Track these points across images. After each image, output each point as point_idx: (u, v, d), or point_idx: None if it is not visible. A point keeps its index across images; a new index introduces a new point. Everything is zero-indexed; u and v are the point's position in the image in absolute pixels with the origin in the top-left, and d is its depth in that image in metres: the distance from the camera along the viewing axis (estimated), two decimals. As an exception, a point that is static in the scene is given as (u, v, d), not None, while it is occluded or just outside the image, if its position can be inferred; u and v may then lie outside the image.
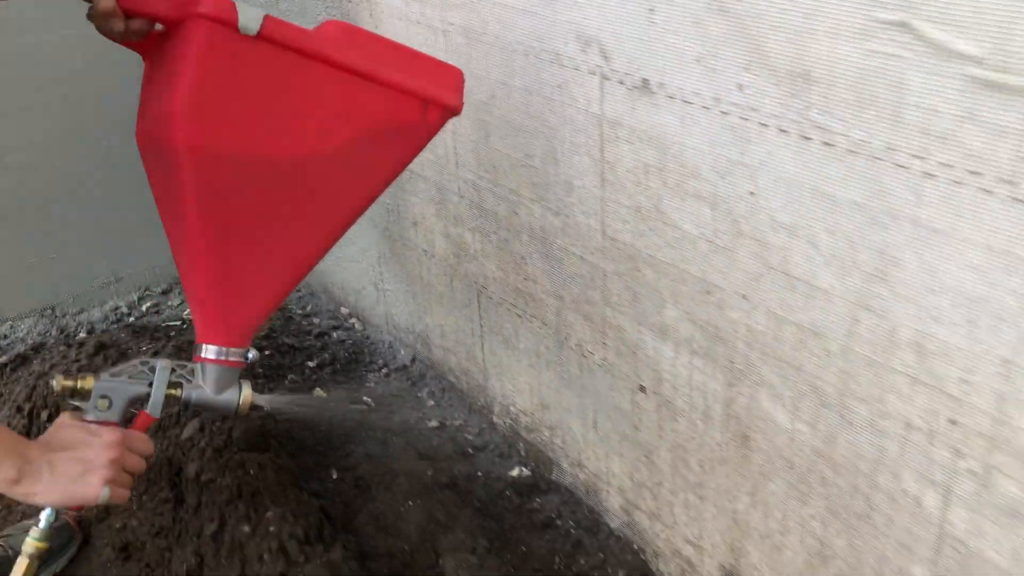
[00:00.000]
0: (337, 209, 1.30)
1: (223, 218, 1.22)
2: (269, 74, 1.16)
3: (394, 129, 1.25)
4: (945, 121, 0.88)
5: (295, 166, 1.22)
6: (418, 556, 1.51)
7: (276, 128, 1.19)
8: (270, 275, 1.30)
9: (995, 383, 0.93)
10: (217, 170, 1.18)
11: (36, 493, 1.13)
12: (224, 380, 1.32)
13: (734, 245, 1.17)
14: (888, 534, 1.13)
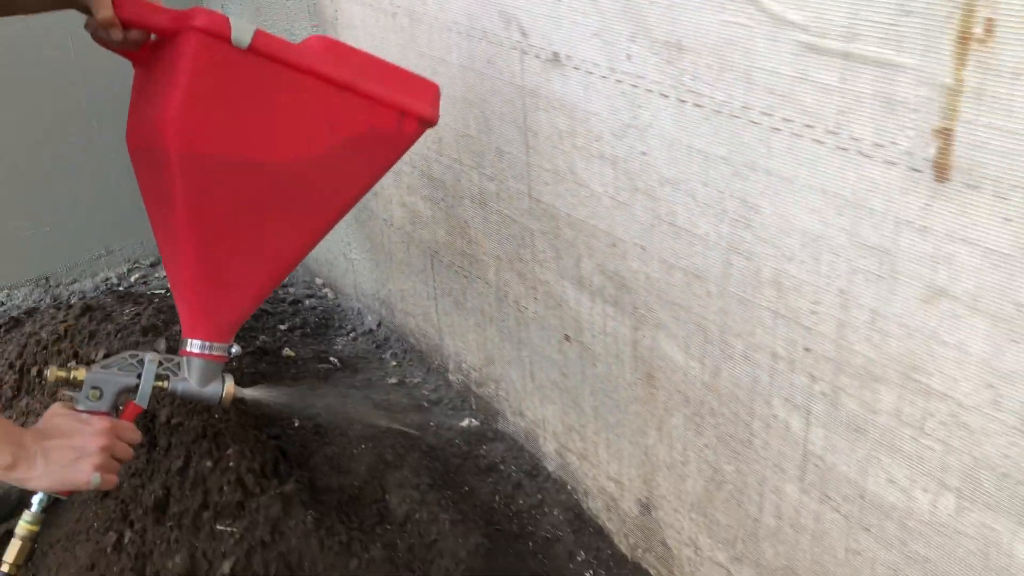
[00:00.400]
0: (318, 212, 1.38)
1: (211, 219, 1.29)
2: (258, 84, 1.24)
3: (373, 138, 1.33)
4: (784, 81, 1.02)
5: (280, 171, 1.30)
6: (366, 491, 1.66)
7: (263, 135, 1.27)
8: (254, 274, 1.37)
9: (836, 312, 1.07)
10: (207, 174, 1.26)
11: (30, 479, 1.21)
12: (208, 373, 1.39)
13: (631, 200, 1.31)
14: (766, 457, 1.26)
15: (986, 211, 0.88)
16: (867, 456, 1.11)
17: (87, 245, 2.57)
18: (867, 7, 0.90)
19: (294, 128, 1.28)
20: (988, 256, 0.89)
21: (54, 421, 1.24)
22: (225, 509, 1.55)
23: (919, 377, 1.01)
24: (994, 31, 0.81)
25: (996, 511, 0.98)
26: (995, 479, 0.97)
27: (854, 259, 1.02)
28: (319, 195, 1.35)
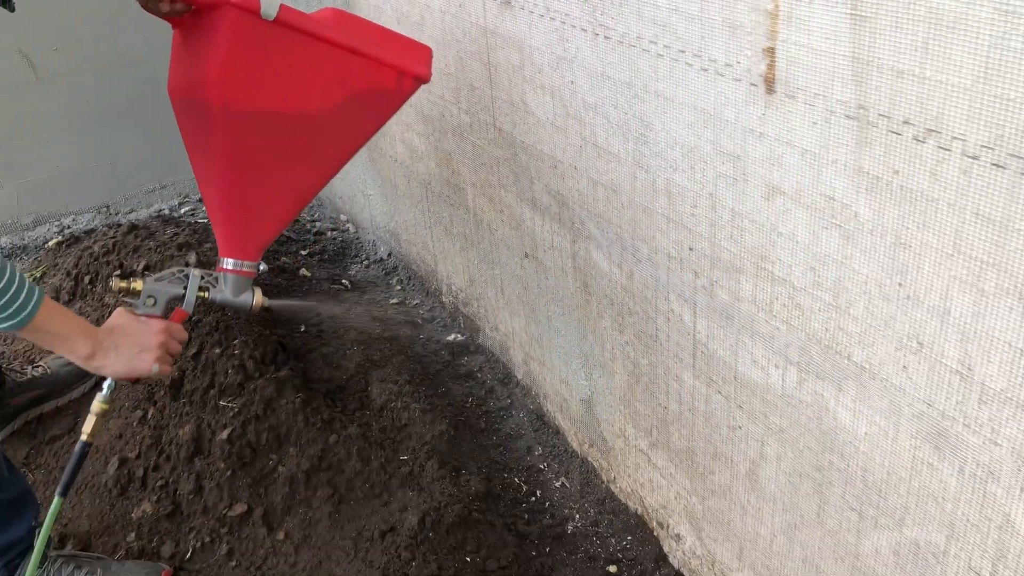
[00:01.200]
0: (330, 154, 1.61)
1: (242, 159, 1.52)
2: (282, 50, 1.46)
3: (376, 93, 1.55)
4: (663, 13, 1.21)
5: (300, 120, 1.53)
6: (351, 383, 1.91)
7: (286, 91, 1.49)
8: (277, 204, 1.61)
9: (708, 214, 1.26)
10: (240, 123, 1.48)
11: (104, 366, 1.42)
12: (240, 286, 1.63)
13: (566, 125, 1.51)
14: (668, 349, 1.46)
15: (800, 117, 1.06)
16: (736, 340, 1.30)
17: (143, 179, 2.89)
18: (714, -53, 1.09)
19: (311, 85, 1.50)
20: (804, 156, 1.07)
21: (119, 321, 1.46)
22: (228, 388, 1.82)
23: (766, 266, 1.19)
24: (796, -36, 0.99)
25: (824, 379, 1.16)
26: (821, 351, 1.15)
27: (718, 165, 1.21)
28: (331, 140, 1.58)
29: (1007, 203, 0.87)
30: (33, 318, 1.27)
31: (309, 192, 1.66)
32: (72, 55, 2.63)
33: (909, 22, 0.89)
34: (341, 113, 1.54)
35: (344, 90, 1.52)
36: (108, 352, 1.41)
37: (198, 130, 1.54)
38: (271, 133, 1.51)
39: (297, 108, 1.51)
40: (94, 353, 1.39)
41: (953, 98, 0.88)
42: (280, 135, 1.52)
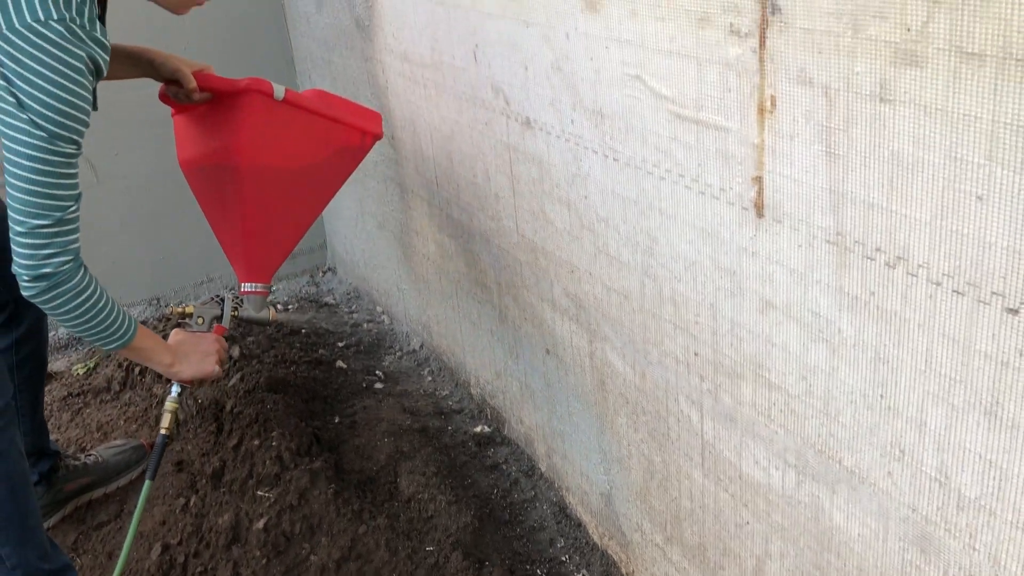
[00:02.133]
0: (319, 196, 2.05)
1: (261, 205, 1.92)
2: (286, 121, 1.88)
3: (348, 148, 2.01)
4: (664, 141, 1.33)
5: (299, 171, 1.95)
6: (382, 474, 2.00)
7: (290, 150, 1.92)
8: (284, 237, 2.02)
9: (710, 322, 1.35)
10: (260, 177, 1.89)
11: (182, 371, 1.78)
12: (259, 303, 2.00)
13: (581, 235, 1.62)
14: (679, 448, 1.53)
15: (786, 239, 1.15)
16: (740, 442, 1.37)
17: (192, 272, 3.06)
18: (706, 85, 1.20)
19: (304, 144, 1.92)
20: (792, 274, 1.16)
21: (182, 338, 1.83)
22: (265, 479, 1.92)
23: (763, 373, 1.27)
24: (776, 105, 1.10)
25: (819, 482, 1.23)
26: (815, 455, 1.22)
27: (716, 279, 1.31)
28: (319, 185, 2.02)
29: (967, 326, 0.95)
30: (133, 339, 1.63)
31: (306, 225, 2.07)
32: (130, 159, 2.83)
33: (876, 161, 1.00)
34: (326, 164, 1.98)
35: (328, 147, 1.96)
36: (183, 360, 1.79)
37: (221, 188, 1.92)
38: (280, 184, 1.92)
39: (297, 163, 1.93)
40: (173, 362, 1.77)
41: (917, 230, 0.97)
42: (286, 184, 1.93)
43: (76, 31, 1.37)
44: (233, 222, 1.94)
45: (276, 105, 1.83)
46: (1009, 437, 0.94)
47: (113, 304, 1.60)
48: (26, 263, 1.47)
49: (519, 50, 1.63)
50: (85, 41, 1.39)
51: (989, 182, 0.88)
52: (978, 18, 0.84)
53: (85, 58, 1.39)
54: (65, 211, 1.48)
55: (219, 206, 1.97)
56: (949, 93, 0.89)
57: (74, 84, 1.39)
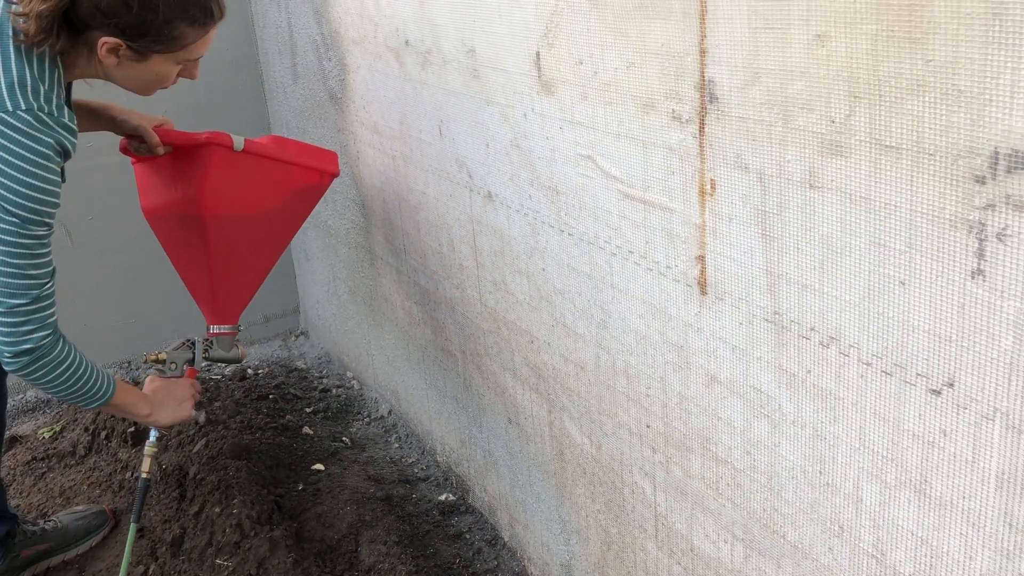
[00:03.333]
0: (281, 236, 2.11)
1: (225, 251, 1.98)
2: (247, 168, 1.95)
3: (307, 189, 2.10)
4: (614, 219, 1.37)
5: (260, 216, 2.01)
6: (343, 543, 1.99)
7: (251, 196, 1.98)
8: (249, 278, 2.08)
9: (660, 395, 1.38)
10: (223, 223, 1.95)
11: (160, 419, 1.85)
12: (228, 343, 2.06)
13: (539, 306, 1.65)
14: (633, 519, 1.54)
15: (728, 317, 1.19)
16: (691, 514, 1.38)
17: (162, 335, 3.06)
18: (652, 167, 1.25)
19: (265, 190, 2.00)
20: (734, 351, 1.19)
21: (157, 385, 1.89)
22: (225, 547, 1.91)
23: (710, 447, 1.29)
24: (716, 188, 1.15)
25: (764, 556, 1.24)
26: (760, 529, 1.24)
27: (665, 353, 1.34)
28: (281, 226, 2.09)
29: (896, 406, 0.98)
30: (114, 396, 1.70)
31: (270, 265, 2.14)
32: (104, 223, 2.86)
33: (807, 244, 1.03)
34: (287, 206, 2.07)
35: (287, 190, 2.05)
36: (159, 408, 1.85)
37: (185, 236, 1.98)
38: (243, 229, 1.99)
39: (259, 207, 2.00)
40: (151, 412, 1.83)
41: (847, 311, 1.01)
42: (249, 229, 2.00)
43: (43, 119, 1.43)
44: (199, 268, 2.01)
45: (236, 156, 1.90)
46: (937, 515, 0.97)
47: (91, 367, 1.65)
48: (7, 340, 1.51)
49: (481, 127, 1.68)
50: (53, 128, 1.44)
51: (910, 268, 0.92)
52: (894, 114, 0.89)
53: (53, 144, 1.44)
54: (41, 288, 1.52)
55: (184, 252, 2.03)
56: (871, 182, 0.93)
57: (43, 170, 1.44)
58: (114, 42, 1.47)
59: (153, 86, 1.63)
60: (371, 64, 2.13)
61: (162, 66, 1.57)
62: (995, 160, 0.80)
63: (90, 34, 1.47)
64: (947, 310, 0.89)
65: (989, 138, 0.80)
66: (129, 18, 1.45)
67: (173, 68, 1.60)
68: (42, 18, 1.40)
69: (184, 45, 1.55)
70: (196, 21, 1.54)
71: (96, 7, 1.44)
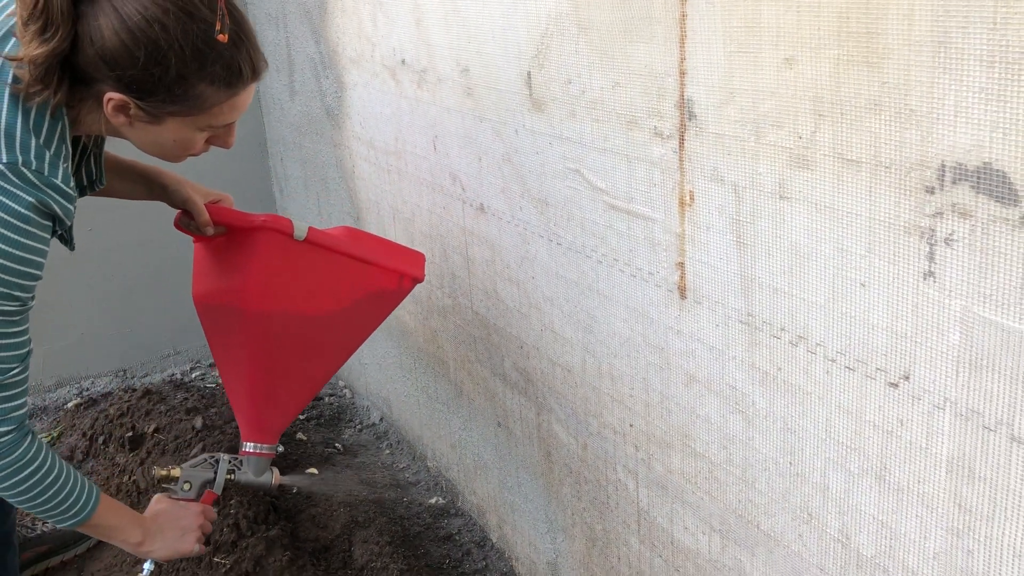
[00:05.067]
0: (342, 347, 1.82)
1: (268, 357, 1.70)
2: (306, 262, 1.66)
3: (381, 293, 1.78)
4: (600, 229, 1.45)
5: (318, 320, 1.72)
6: (336, 543, 2.05)
7: (308, 296, 1.69)
8: (295, 393, 1.79)
9: (643, 395, 1.46)
10: (270, 325, 1.67)
11: (153, 551, 1.57)
12: (261, 466, 1.78)
13: (529, 312, 1.74)
14: (617, 516, 1.62)
15: (706, 319, 1.27)
16: (671, 509, 1.46)
17: (159, 345, 3.12)
18: (635, 180, 1.34)
19: (328, 289, 1.72)
20: (711, 351, 1.28)
21: (161, 507, 1.62)
22: (222, 546, 1.97)
23: (689, 443, 1.38)
24: (695, 199, 1.23)
25: (740, 545, 1.32)
26: (736, 519, 1.32)
27: (647, 355, 1.42)
28: (342, 335, 1.79)
29: (859, 399, 1.06)
30: (93, 516, 1.44)
31: (322, 380, 1.85)
32: (104, 235, 2.93)
33: (778, 251, 1.12)
34: (352, 312, 1.76)
35: (355, 293, 1.74)
36: (155, 537, 1.57)
37: (227, 332, 1.71)
38: (294, 333, 1.70)
39: (317, 311, 1.71)
40: (143, 540, 1.55)
41: (814, 312, 1.09)
42: (301, 334, 1.71)
43: (25, 174, 1.21)
44: (239, 371, 1.74)
45: (295, 245, 1.63)
46: (896, 500, 1.05)
47: (68, 475, 1.40)
48: None
49: (474, 142, 1.77)
50: (37, 186, 1.22)
51: (870, 271, 1.01)
52: (854, 130, 0.98)
53: (34, 203, 1.22)
54: (5, 375, 1.28)
55: (226, 351, 1.76)
56: (835, 193, 1.02)
57: (15, 233, 1.22)
58: (120, 99, 1.25)
59: (175, 152, 1.39)
60: (368, 82, 2.21)
61: (181, 131, 1.33)
62: (942, 172, 0.89)
63: (96, 87, 1.26)
64: (902, 309, 0.98)
65: (937, 152, 0.89)
66: (135, 72, 1.23)
67: (196, 134, 1.36)
68: (37, 65, 1.19)
69: (206, 109, 1.31)
70: (218, 80, 1.29)
71: (99, 56, 1.21)
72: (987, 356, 0.90)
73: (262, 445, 1.76)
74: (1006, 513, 0.93)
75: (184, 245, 1.77)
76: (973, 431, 0.94)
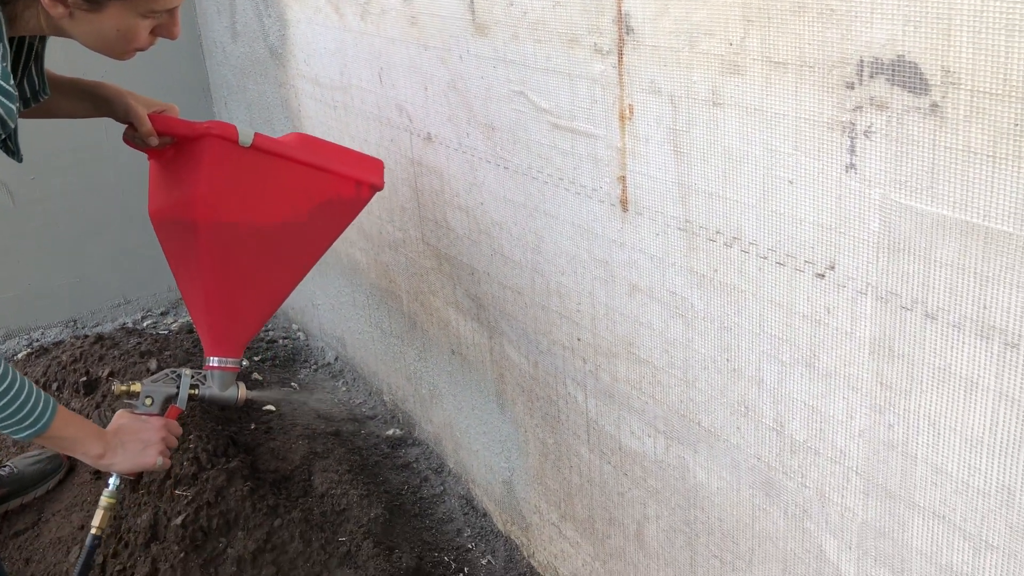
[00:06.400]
0: (301, 258, 1.80)
1: (226, 268, 1.68)
2: (257, 170, 1.65)
3: (338, 202, 1.75)
4: (545, 149, 1.50)
5: (274, 230, 1.70)
6: (296, 473, 2.10)
7: (262, 205, 1.67)
8: (257, 305, 1.77)
9: (589, 309, 1.52)
10: (223, 236, 1.65)
11: (114, 464, 1.55)
12: (226, 381, 1.75)
13: (479, 239, 1.78)
14: (568, 428, 1.69)
15: (647, 230, 1.33)
16: (618, 416, 1.53)
17: (108, 295, 3.11)
18: (578, 98, 1.38)
19: (283, 198, 1.69)
20: (652, 260, 1.34)
21: (123, 422, 1.60)
22: (183, 479, 2.00)
23: (634, 350, 1.44)
24: (634, 112, 1.28)
25: (683, 444, 1.40)
26: (679, 419, 1.39)
27: (593, 269, 1.47)
28: (301, 245, 1.78)
29: (788, 292, 1.13)
30: (50, 427, 1.41)
31: (284, 293, 1.84)
32: (48, 183, 2.89)
33: (712, 156, 1.18)
34: (309, 221, 1.73)
35: (311, 201, 1.72)
36: (117, 450, 1.55)
37: (183, 246, 1.69)
38: (250, 244, 1.68)
39: (272, 220, 1.69)
40: (104, 453, 1.53)
41: (747, 213, 1.15)
42: (258, 245, 1.69)
43: None
44: (196, 286, 1.72)
45: (243, 152, 1.61)
46: (824, 384, 1.12)
47: (23, 385, 1.37)
48: None
49: (419, 72, 1.79)
50: None
51: (796, 168, 1.07)
52: (781, 33, 1.03)
53: None
54: None
55: (184, 266, 1.74)
56: (764, 95, 1.08)
57: None
58: None
59: (119, 45, 1.35)
60: (311, 17, 2.21)
61: (123, 19, 1.29)
62: (860, 67, 0.95)
63: None
64: (827, 202, 1.04)
65: (856, 49, 0.95)
66: None
67: (139, 22, 1.32)
68: None
69: None
70: None
71: None
72: (903, 240, 0.97)
73: (226, 359, 1.75)
74: (922, 386, 1.00)
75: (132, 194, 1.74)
76: (892, 312, 1.01)
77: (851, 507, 1.14)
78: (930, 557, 1.05)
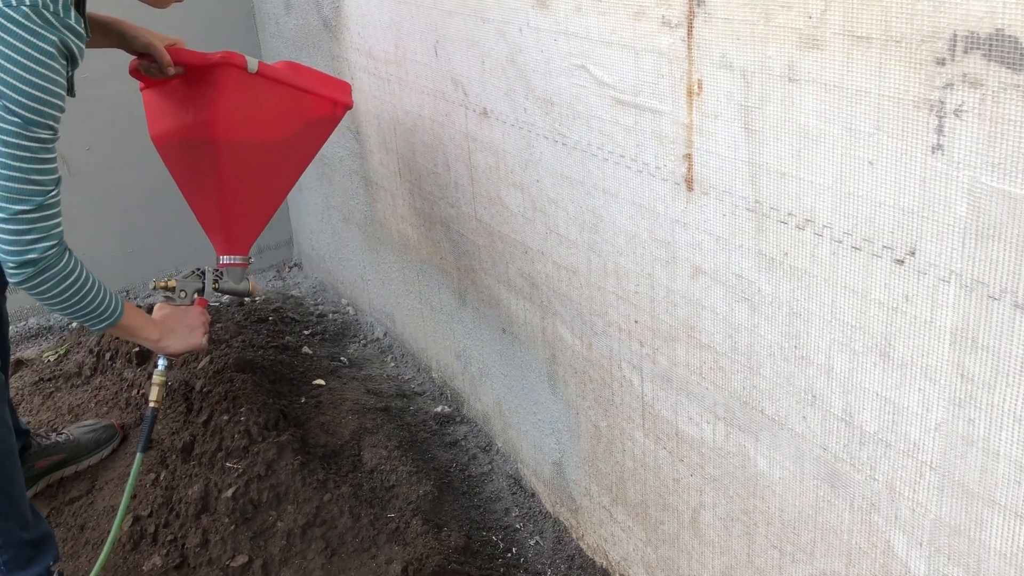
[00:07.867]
0: (293, 167, 2.10)
1: (236, 178, 1.97)
2: (260, 93, 1.92)
3: (320, 119, 2.07)
4: (607, 125, 1.45)
5: (272, 144, 1.99)
6: (345, 448, 2.10)
7: (264, 123, 1.96)
8: (260, 208, 2.07)
9: (648, 291, 1.48)
10: (235, 149, 1.93)
11: (169, 346, 1.83)
12: (239, 275, 2.04)
13: (533, 217, 1.75)
14: (622, 411, 1.66)
15: (712, 210, 1.28)
16: (676, 401, 1.50)
17: (161, 264, 3.13)
18: (643, 72, 1.33)
19: (278, 117, 1.98)
20: (718, 241, 1.29)
21: (167, 311, 1.87)
22: (234, 452, 2.01)
23: (695, 334, 1.40)
24: (703, 88, 1.24)
25: (744, 431, 1.36)
26: (740, 407, 1.35)
27: (653, 250, 1.43)
28: (293, 156, 2.08)
29: (864, 278, 1.08)
30: (122, 317, 1.66)
31: (281, 196, 2.13)
32: (102, 153, 2.91)
33: (786, 135, 1.13)
34: (299, 136, 2.05)
35: (300, 119, 2.03)
36: (169, 335, 1.83)
37: (195, 162, 1.96)
38: (253, 158, 1.97)
39: (271, 135, 1.98)
40: (161, 337, 1.81)
41: (821, 194, 1.11)
42: (261, 157, 1.98)
43: (45, 15, 1.36)
44: (209, 196, 2.00)
45: (249, 78, 1.87)
46: (899, 375, 1.08)
47: (99, 285, 1.61)
48: (11, 249, 1.46)
49: (477, 45, 1.75)
50: (55, 26, 1.38)
51: (877, 148, 1.02)
52: (865, 5, 0.98)
53: (57, 43, 1.38)
54: (46, 196, 1.47)
55: (194, 180, 2.01)
56: (844, 72, 1.03)
57: (46, 69, 1.39)
58: None
59: None
60: (366, -10, 2.18)
61: None
62: (953, 42, 0.90)
63: None
64: (910, 184, 0.99)
65: (949, 22, 0.90)
66: None
67: None
68: None
69: None
70: None
71: None
72: (993, 225, 0.92)
73: (236, 257, 2.04)
74: (1007, 380, 0.95)
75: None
76: (977, 301, 0.96)
77: (924, 503, 1.09)
78: (1009, 558, 1.01)
